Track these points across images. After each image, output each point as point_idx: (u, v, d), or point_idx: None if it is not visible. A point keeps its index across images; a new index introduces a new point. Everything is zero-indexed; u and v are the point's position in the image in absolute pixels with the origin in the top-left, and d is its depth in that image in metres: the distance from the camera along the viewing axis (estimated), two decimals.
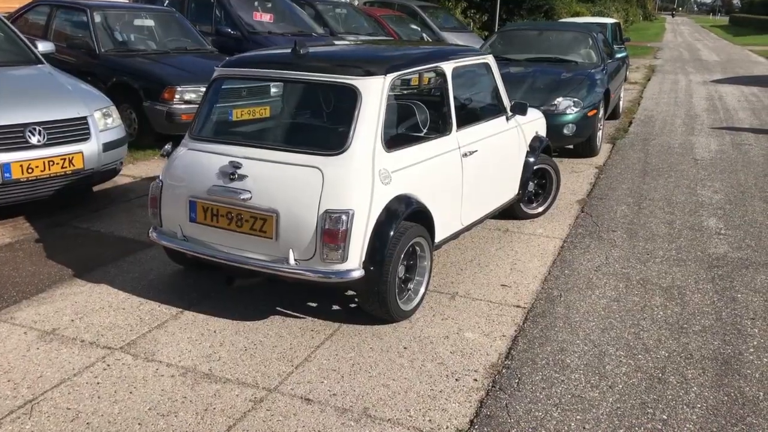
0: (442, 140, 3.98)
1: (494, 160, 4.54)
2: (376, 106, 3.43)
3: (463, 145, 4.10)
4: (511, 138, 4.82)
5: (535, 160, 5.11)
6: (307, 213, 3.28)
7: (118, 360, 3.22)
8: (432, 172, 3.82)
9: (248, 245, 3.44)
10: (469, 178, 4.16)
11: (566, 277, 4.34)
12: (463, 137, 4.14)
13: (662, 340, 3.53)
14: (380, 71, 3.49)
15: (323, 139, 3.97)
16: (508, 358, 3.33)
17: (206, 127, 3.88)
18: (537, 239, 5.05)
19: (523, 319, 3.76)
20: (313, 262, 3.31)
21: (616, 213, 5.72)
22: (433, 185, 3.81)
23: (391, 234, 3.37)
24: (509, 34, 9.66)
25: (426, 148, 3.81)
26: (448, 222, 4.04)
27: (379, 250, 3.35)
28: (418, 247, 3.69)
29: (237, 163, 3.46)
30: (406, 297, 3.70)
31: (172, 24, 8.88)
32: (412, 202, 3.55)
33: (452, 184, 4.02)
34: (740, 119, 10.72)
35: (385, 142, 3.46)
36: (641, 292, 4.12)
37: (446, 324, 3.68)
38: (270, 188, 3.37)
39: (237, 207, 3.43)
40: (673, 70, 19.25)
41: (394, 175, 3.48)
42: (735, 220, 5.54)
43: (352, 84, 3.45)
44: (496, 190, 4.68)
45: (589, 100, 7.29)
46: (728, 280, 4.31)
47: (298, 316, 3.70)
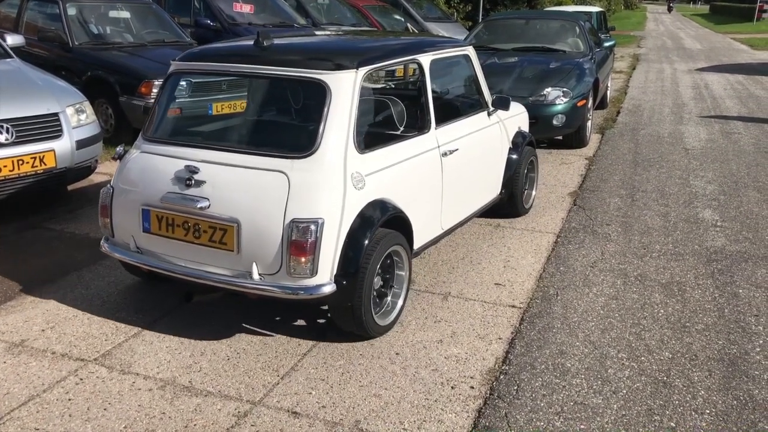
0: (419, 139, 3.69)
1: (476, 158, 4.28)
2: (347, 103, 3.13)
3: (442, 144, 3.82)
4: (494, 134, 4.57)
5: (518, 157, 4.85)
6: (271, 223, 2.97)
7: (92, 373, 3.02)
8: (409, 173, 3.54)
9: (207, 258, 3.13)
10: (450, 178, 3.88)
11: (562, 274, 4.18)
12: (443, 135, 3.85)
13: (665, 340, 3.38)
14: (351, 65, 3.19)
15: (289, 140, 3.61)
16: (506, 363, 3.17)
17: (161, 128, 3.54)
18: (530, 234, 4.89)
19: (519, 320, 3.60)
20: (279, 277, 3.00)
21: (609, 206, 5.57)
22: (410, 188, 3.54)
23: (365, 244, 3.07)
24: (495, 24, 9.49)
25: (403, 148, 3.53)
26: (428, 227, 3.77)
27: (352, 262, 3.06)
28: (395, 256, 3.40)
29: (193, 168, 3.14)
30: (383, 311, 3.40)
31: (149, 16, 8.60)
32: (388, 207, 3.27)
33: (431, 186, 3.75)
34: (728, 107, 10.64)
35: (357, 142, 3.18)
36: (640, 288, 3.98)
37: (439, 327, 3.51)
38: (230, 195, 3.06)
39: (194, 216, 3.11)
40: (658, 59, 19.19)
41: (368, 179, 3.19)
42: (730, 212, 5.42)
43: (320, 79, 3.14)
44: (477, 190, 4.43)
45: (578, 90, 7.14)
46: (728, 275, 4.17)
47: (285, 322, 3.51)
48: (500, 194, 4.81)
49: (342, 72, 3.16)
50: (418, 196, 3.63)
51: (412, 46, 3.85)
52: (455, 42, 4.46)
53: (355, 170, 3.13)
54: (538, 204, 5.61)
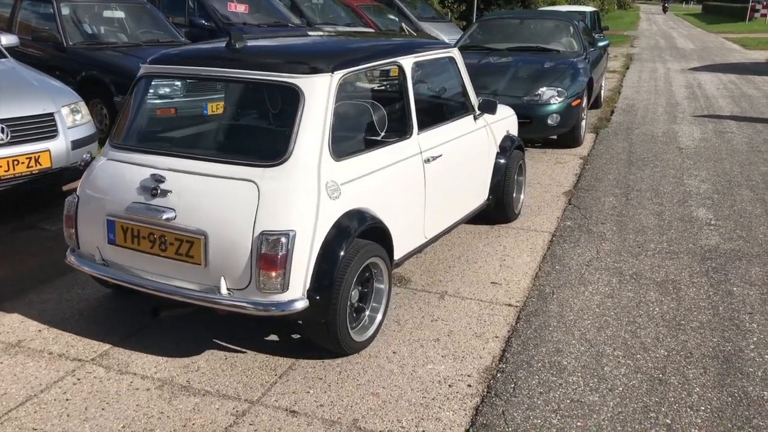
0: (401, 145, 3.53)
1: (461, 164, 4.13)
2: (322, 109, 2.98)
3: (425, 150, 3.67)
4: (480, 139, 4.43)
5: (506, 161, 4.72)
6: (239, 235, 2.81)
7: (90, 373, 3.02)
8: (389, 181, 3.39)
9: (174, 272, 2.97)
10: (433, 186, 3.75)
11: (557, 273, 4.20)
12: (426, 140, 3.71)
13: (660, 337, 3.40)
14: (327, 68, 3.05)
15: (260, 147, 3.42)
16: (503, 361, 3.18)
17: (129, 134, 3.37)
18: (525, 233, 4.91)
19: (515, 318, 3.61)
20: (249, 292, 2.84)
21: (604, 205, 5.60)
22: (390, 197, 3.40)
23: (340, 256, 2.92)
24: (489, 24, 9.51)
25: (382, 155, 3.38)
26: (409, 237, 3.63)
27: (326, 276, 2.90)
28: (374, 268, 3.26)
29: (159, 177, 2.99)
30: (360, 326, 3.25)
31: (144, 16, 8.59)
32: (366, 217, 3.12)
33: (413, 193, 3.61)
34: (721, 107, 10.69)
35: (333, 149, 3.03)
36: (635, 287, 4.00)
37: (436, 326, 3.52)
38: (197, 206, 2.90)
39: (159, 228, 2.96)
40: (651, 59, 19.27)
41: (344, 188, 3.04)
42: (724, 210, 5.45)
43: (293, 83, 2.98)
44: (463, 197, 4.28)
45: (572, 90, 7.17)
46: (722, 273, 4.20)
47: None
48: (487, 200, 4.70)
49: (316, 76, 3.02)
50: (399, 204, 3.49)
51: (392, 49, 3.70)
52: (439, 44, 4.32)
53: (330, 179, 2.99)
54: (534, 203, 5.63)
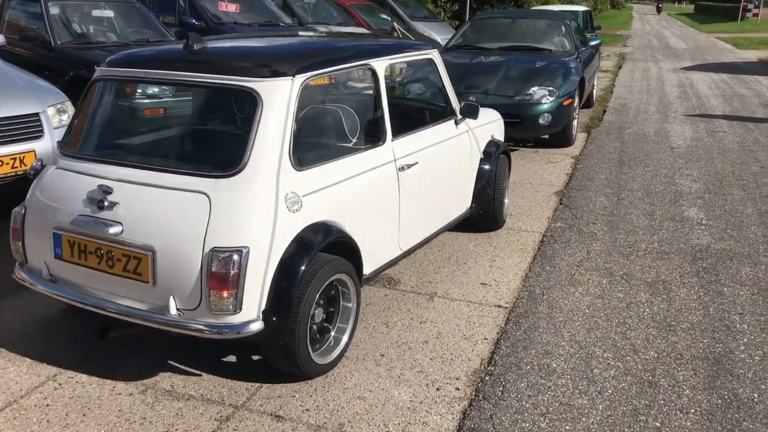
0: (373, 152, 3.35)
1: (440, 171, 3.95)
2: (281, 115, 2.80)
3: (399, 157, 3.48)
4: (462, 145, 4.23)
5: (491, 167, 4.52)
6: (189, 252, 2.62)
7: (71, 378, 2.97)
8: (359, 191, 3.21)
9: (122, 290, 2.79)
10: (409, 195, 3.56)
11: (548, 274, 4.17)
12: (401, 147, 3.52)
13: (650, 339, 3.38)
14: (289, 71, 2.87)
15: (214, 157, 3.18)
16: (491, 364, 3.15)
17: (80, 141, 3.18)
18: (516, 234, 4.88)
19: (505, 320, 3.58)
20: (200, 313, 2.65)
21: (595, 204, 5.58)
22: (360, 207, 3.22)
23: (300, 274, 2.74)
24: (481, 23, 9.48)
25: (352, 163, 3.19)
26: (382, 250, 3.45)
27: (283, 296, 2.72)
28: (340, 285, 3.06)
29: (107, 188, 2.80)
30: (324, 348, 3.04)
31: (133, 15, 8.51)
32: (331, 230, 2.95)
33: (386, 204, 3.42)
34: (712, 106, 10.70)
35: (295, 158, 2.84)
36: (626, 287, 3.97)
37: (425, 328, 3.48)
38: (145, 220, 2.73)
39: (106, 242, 2.77)
40: (644, 58, 19.29)
41: (306, 199, 2.86)
42: (715, 210, 5.44)
43: (251, 87, 2.80)
44: (443, 205, 4.10)
45: (564, 89, 7.14)
46: (713, 273, 4.18)
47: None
48: (470, 208, 4.50)
49: (277, 80, 2.83)
50: (370, 215, 3.31)
51: (364, 51, 3.52)
52: (418, 45, 4.11)
53: (290, 190, 2.80)
54: (525, 203, 5.60)
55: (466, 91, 7.08)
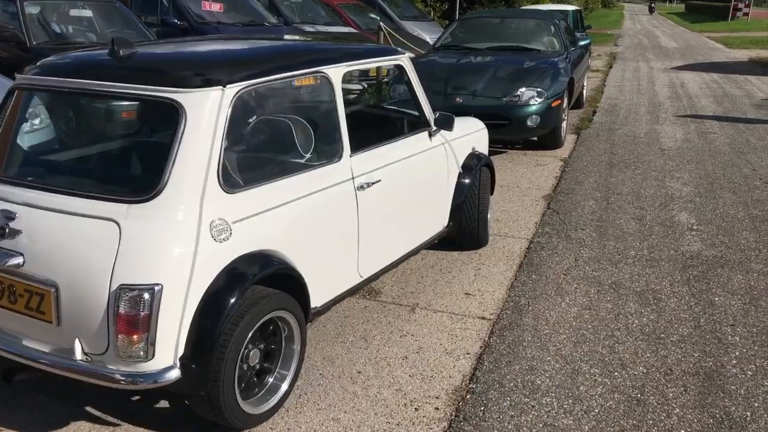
0: (326, 170, 2.99)
1: (409, 188, 3.61)
2: (208, 131, 2.46)
3: (359, 174, 3.13)
4: (436, 158, 3.86)
5: (471, 182, 4.15)
6: (94, 288, 2.29)
7: None
8: (308, 214, 2.85)
9: (26, 329, 2.46)
10: (370, 216, 3.22)
11: (534, 283, 4.03)
12: (361, 163, 3.17)
13: (639, 353, 3.24)
14: (219, 81, 2.52)
15: (128, 178, 2.86)
16: (473, 381, 3.01)
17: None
18: (502, 240, 4.74)
19: (488, 333, 3.44)
20: (108, 358, 2.31)
21: (584, 209, 5.44)
22: (308, 233, 2.86)
23: (225, 312, 2.38)
24: (470, 22, 9.35)
25: (299, 183, 2.83)
26: (337, 279, 3.12)
27: (206, 338, 2.36)
28: (281, 322, 2.71)
29: (10, 213, 2.46)
30: (260, 395, 2.68)
31: (113, 15, 8.33)
32: (269, 261, 2.61)
33: (342, 227, 3.07)
34: (703, 107, 10.60)
35: (226, 179, 2.51)
36: (614, 297, 3.84)
37: (405, 342, 3.34)
38: (48, 250, 2.38)
39: (7, 276, 2.45)
40: (634, 57, 19.22)
41: (238, 227, 2.51)
42: (706, 215, 5.32)
43: (173, 99, 2.47)
44: (413, 225, 3.75)
45: (553, 90, 7.01)
46: (704, 282, 4.05)
47: None
48: (448, 226, 4.13)
49: (203, 90, 2.49)
50: (321, 241, 2.95)
51: (316, 57, 3.14)
52: (384, 50, 3.72)
53: (216, 216, 2.44)
54: (512, 208, 5.47)
55: (453, 92, 6.96)
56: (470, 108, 6.79)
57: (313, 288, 2.84)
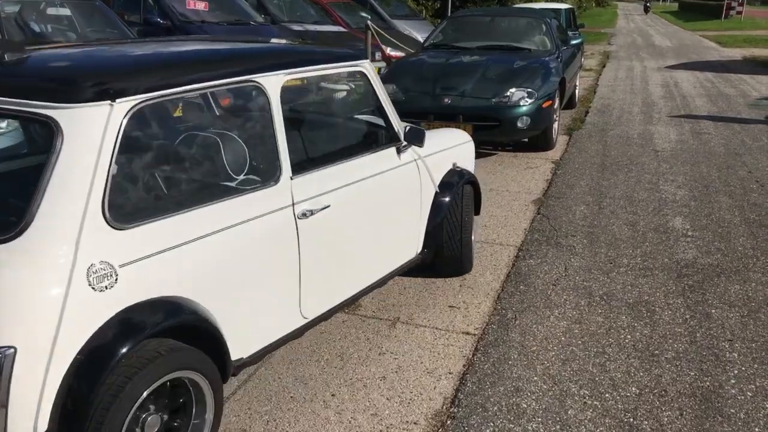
0: (258, 195, 2.54)
1: (369, 213, 3.14)
2: (91, 153, 2.04)
3: (301, 200, 2.69)
4: (406, 177, 3.40)
5: (451, 201, 3.68)
6: None
7: None
8: (228, 250, 2.38)
9: None
10: (315, 248, 2.77)
11: (521, 294, 3.84)
12: (304, 187, 2.72)
13: (631, 372, 3.05)
14: (106, 94, 2.08)
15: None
16: (455, 404, 2.81)
17: None
18: (489, 248, 4.54)
19: (472, 350, 3.25)
20: None
21: (575, 214, 5.26)
22: (228, 273, 2.38)
23: (103, 376, 1.95)
24: (460, 21, 9.15)
25: (220, 212, 2.37)
26: (271, 324, 2.65)
27: (77, 410, 1.93)
28: (192, 385, 2.26)
29: None
30: None
31: (94, 13, 8.11)
32: (171, 310, 2.15)
33: (277, 262, 2.60)
34: (697, 107, 10.44)
35: (115, 212, 2.08)
36: (605, 310, 3.65)
37: (383, 361, 3.14)
38: None
39: None
40: (628, 56, 19.06)
41: (127, 270, 2.07)
42: (701, 220, 5.13)
43: (47, 115, 2.05)
44: (374, 255, 3.26)
45: (543, 91, 6.82)
46: (700, 292, 3.87)
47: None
48: (421, 253, 3.66)
49: (85, 106, 2.05)
50: (249, 281, 2.48)
51: (248, 63, 2.61)
52: (339, 55, 3.14)
53: (98, 259, 2.01)
54: (500, 213, 5.27)
55: (441, 92, 6.77)
56: (459, 109, 6.61)
57: (238, 337, 2.44)
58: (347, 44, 11.16)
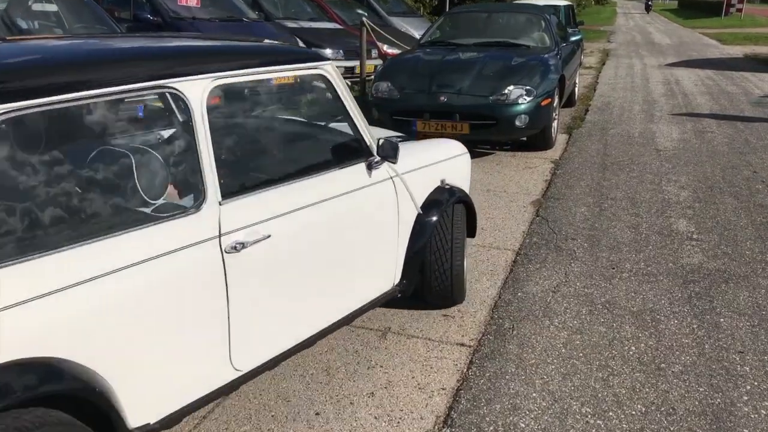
0: (174, 225, 2.08)
1: (327, 242, 2.63)
2: None
3: (231, 230, 2.22)
4: (377, 198, 2.89)
5: (437, 224, 3.19)
6: None
7: None
8: (127, 293, 1.93)
9: None
10: (249, 287, 2.30)
11: (519, 302, 3.65)
12: (237, 214, 2.25)
13: (636, 387, 2.86)
14: None
15: None
16: (447, 424, 2.62)
17: None
18: (486, 252, 4.35)
19: (467, 363, 3.05)
20: None
21: (575, 216, 5.06)
22: (130, 322, 1.94)
23: None
24: (457, 17, 8.96)
25: (120, 247, 1.93)
26: (189, 381, 2.18)
27: None
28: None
29: None
30: None
31: (82, 10, 7.92)
32: (47, 375, 1.72)
33: (198, 308, 2.14)
34: (699, 104, 10.24)
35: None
36: (608, 319, 3.46)
37: (373, 375, 2.95)
38: None
39: None
40: (628, 54, 18.87)
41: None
42: (706, 222, 4.94)
43: None
44: (333, 291, 2.73)
45: (542, 88, 6.62)
46: (707, 300, 3.68)
47: None
48: (399, 284, 3.16)
49: None
50: (154, 333, 2.01)
51: (162, 64, 2.14)
52: (291, 54, 2.63)
53: None
54: (498, 215, 5.08)
55: (437, 90, 6.57)
56: (455, 107, 6.42)
57: (143, 400, 2.01)
58: (343, 41, 10.98)
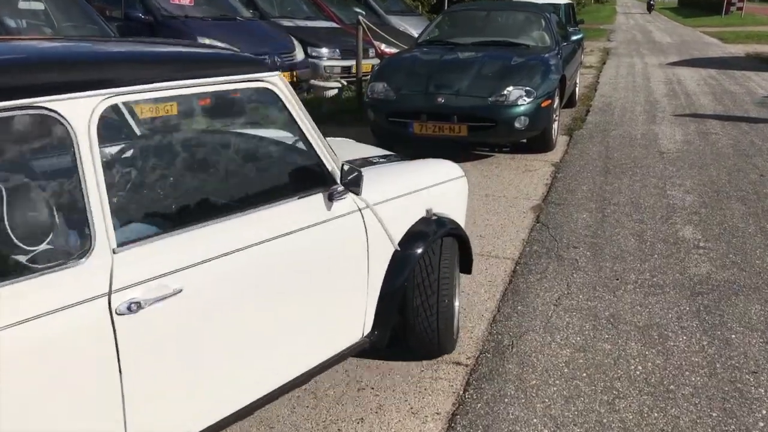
0: (52, 279, 1.67)
1: (265, 292, 2.16)
2: None
3: (124, 286, 1.78)
4: (342, 233, 2.43)
5: (422, 255, 2.71)
6: None
7: None
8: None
9: None
10: (148, 357, 1.85)
11: (519, 316, 3.46)
12: (134, 264, 1.82)
13: (644, 412, 2.68)
14: None
15: None
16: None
17: None
18: (485, 261, 4.16)
19: (464, 384, 2.87)
20: None
21: (577, 223, 4.87)
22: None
23: None
24: (455, 16, 8.76)
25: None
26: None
27: None
28: None
29: None
30: None
31: (71, 8, 7.73)
32: None
33: (80, 382, 1.72)
34: (702, 105, 10.05)
35: None
36: (613, 335, 3.27)
37: (362, 398, 2.76)
38: None
39: None
40: (628, 53, 18.67)
41: None
42: (714, 229, 4.76)
43: None
44: (274, 352, 2.25)
45: (542, 89, 6.43)
46: (717, 314, 3.49)
47: None
48: (369, 336, 2.66)
49: None
50: (15, 415, 1.61)
51: (25, 77, 1.69)
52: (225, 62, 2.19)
53: None
54: (497, 221, 4.89)
55: (435, 90, 6.38)
56: (453, 108, 6.23)
57: None
58: (340, 40, 10.78)
